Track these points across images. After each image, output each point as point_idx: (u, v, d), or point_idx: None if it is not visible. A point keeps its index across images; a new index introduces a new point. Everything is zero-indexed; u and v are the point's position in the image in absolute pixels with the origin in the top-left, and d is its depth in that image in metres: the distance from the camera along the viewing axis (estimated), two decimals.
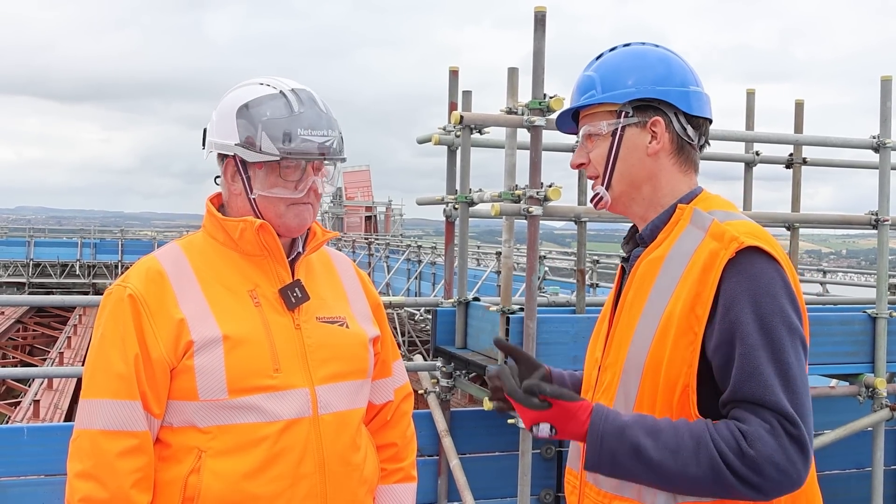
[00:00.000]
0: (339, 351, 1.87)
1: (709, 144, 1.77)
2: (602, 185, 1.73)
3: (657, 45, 1.76)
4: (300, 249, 1.91)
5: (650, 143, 1.68)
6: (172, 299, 1.77)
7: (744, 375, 1.49)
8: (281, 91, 1.82)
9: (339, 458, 1.83)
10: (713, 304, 1.53)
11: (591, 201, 1.77)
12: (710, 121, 1.75)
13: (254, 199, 1.82)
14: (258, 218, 1.83)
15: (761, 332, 1.49)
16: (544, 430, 1.52)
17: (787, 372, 1.49)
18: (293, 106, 1.80)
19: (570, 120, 1.81)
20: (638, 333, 1.61)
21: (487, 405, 3.53)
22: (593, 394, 1.72)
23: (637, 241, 1.74)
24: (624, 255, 1.79)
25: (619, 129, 1.69)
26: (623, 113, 1.69)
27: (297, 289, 1.86)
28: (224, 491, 1.72)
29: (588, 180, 1.80)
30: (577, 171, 1.92)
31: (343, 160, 1.87)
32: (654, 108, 1.68)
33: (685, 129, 1.69)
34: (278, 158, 1.78)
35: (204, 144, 1.90)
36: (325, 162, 1.84)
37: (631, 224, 1.81)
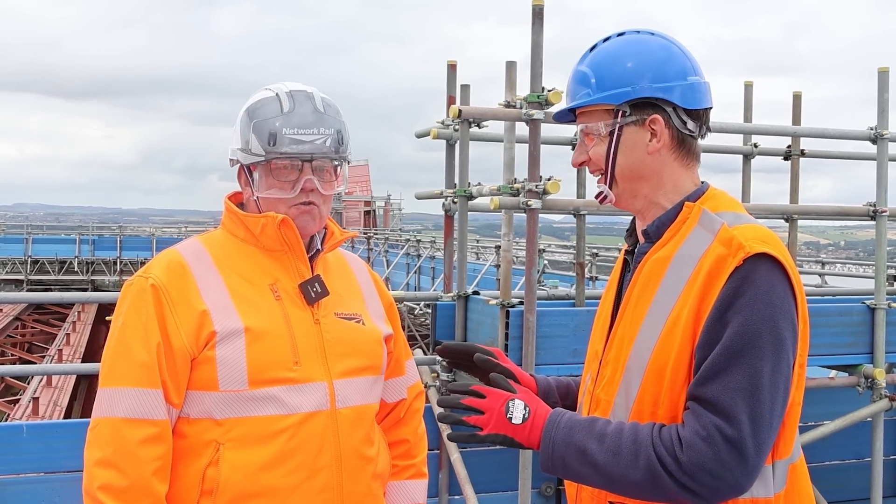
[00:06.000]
0: (356, 346, 1.89)
1: (710, 130, 1.73)
2: (605, 183, 1.70)
3: (653, 33, 1.71)
4: (319, 247, 1.92)
5: (650, 141, 1.65)
6: (195, 290, 1.78)
7: (709, 374, 1.48)
8: (276, 93, 1.85)
9: (355, 452, 1.85)
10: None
11: (596, 198, 1.76)
12: (711, 107, 1.71)
13: (255, 200, 1.86)
14: None
15: (743, 337, 1.47)
16: (519, 406, 1.60)
17: (756, 379, 1.46)
18: (283, 106, 1.82)
19: (567, 111, 1.78)
20: (642, 333, 1.60)
21: None
22: (594, 387, 1.71)
23: (642, 235, 1.71)
24: (627, 247, 1.77)
25: (617, 130, 1.65)
26: (620, 112, 1.65)
27: (316, 284, 1.88)
28: (242, 483, 1.73)
29: (590, 175, 1.79)
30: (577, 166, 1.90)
31: (338, 159, 1.85)
32: (652, 105, 1.64)
33: (685, 123, 1.65)
34: (264, 159, 1.81)
35: None
36: (333, 161, 1.84)
37: (633, 216, 1.78)
